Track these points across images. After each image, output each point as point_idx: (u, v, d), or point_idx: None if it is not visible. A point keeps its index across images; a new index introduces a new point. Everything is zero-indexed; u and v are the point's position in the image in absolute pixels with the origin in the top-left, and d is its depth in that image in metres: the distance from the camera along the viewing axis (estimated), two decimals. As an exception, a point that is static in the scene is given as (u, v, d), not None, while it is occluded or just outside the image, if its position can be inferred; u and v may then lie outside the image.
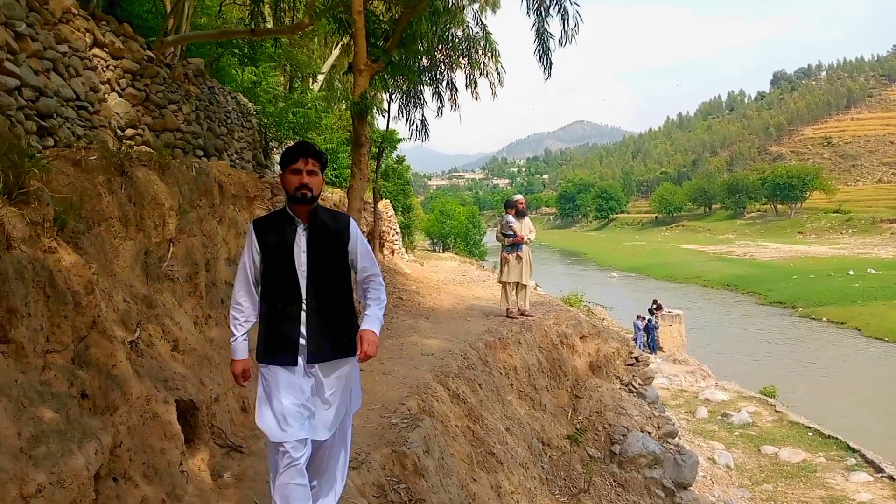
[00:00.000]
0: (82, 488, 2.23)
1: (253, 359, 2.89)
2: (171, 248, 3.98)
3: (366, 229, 12.01)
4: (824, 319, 34.42)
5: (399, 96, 10.03)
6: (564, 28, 7.90)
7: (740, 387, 19.89)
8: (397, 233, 17.97)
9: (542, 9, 8.01)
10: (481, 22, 9.59)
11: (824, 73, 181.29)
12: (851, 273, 47.54)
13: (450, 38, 9.20)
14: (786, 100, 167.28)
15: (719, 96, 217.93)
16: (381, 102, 13.67)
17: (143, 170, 3.82)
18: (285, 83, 15.22)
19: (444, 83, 9.84)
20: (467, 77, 10.00)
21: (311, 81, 16.11)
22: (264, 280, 2.82)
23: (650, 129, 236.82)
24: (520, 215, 9.43)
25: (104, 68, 6.47)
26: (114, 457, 2.61)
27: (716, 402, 18.16)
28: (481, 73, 9.99)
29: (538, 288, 16.56)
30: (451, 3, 8.68)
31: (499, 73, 10.13)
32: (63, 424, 2.31)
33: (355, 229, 2.90)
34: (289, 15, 9.45)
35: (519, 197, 9.72)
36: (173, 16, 7.94)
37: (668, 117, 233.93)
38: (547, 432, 7.50)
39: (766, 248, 73.65)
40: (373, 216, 13.87)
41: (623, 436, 8.19)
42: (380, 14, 9.10)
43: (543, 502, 6.22)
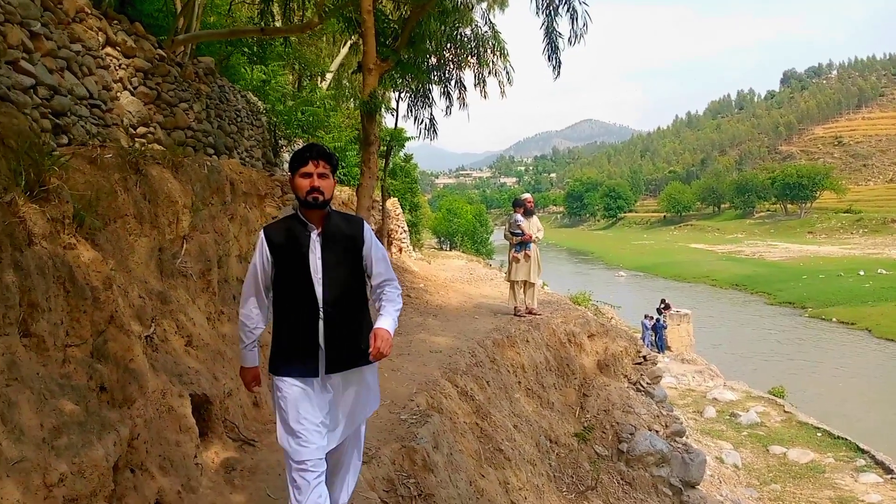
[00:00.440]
0: (102, 478, 2.29)
1: (266, 370, 2.77)
2: (185, 245, 4.03)
3: (374, 227, 12.06)
4: (834, 320, 34.22)
5: (408, 95, 10.08)
6: (573, 27, 7.93)
7: (749, 387, 19.81)
8: (405, 231, 18.03)
9: (552, 8, 8.03)
10: (489, 21, 9.63)
11: (835, 72, 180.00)
12: (862, 273, 47.22)
13: (458, 36, 9.23)
14: (796, 99, 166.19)
15: (728, 95, 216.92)
16: (388, 101, 13.73)
17: (158, 168, 3.88)
18: (294, 81, 15.29)
19: (453, 82, 9.89)
20: (476, 76, 10.03)
21: (320, 80, 16.17)
22: (277, 288, 2.71)
23: (659, 128, 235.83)
24: (528, 214, 9.46)
25: (116, 67, 6.54)
26: (131, 448, 2.66)
27: (724, 402, 18.11)
28: (490, 72, 10.02)
29: (546, 287, 16.56)
30: (459, 2, 8.71)
31: (507, 72, 10.16)
32: (83, 416, 2.37)
33: (369, 233, 2.81)
34: (298, 14, 9.50)
35: (527, 196, 9.75)
36: (184, 15, 8.01)
37: (676, 116, 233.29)
38: (555, 430, 7.53)
39: (776, 247, 73.26)
40: (381, 214, 13.93)
41: (631, 434, 8.21)
42: (389, 13, 9.15)
43: (551, 499, 6.25)
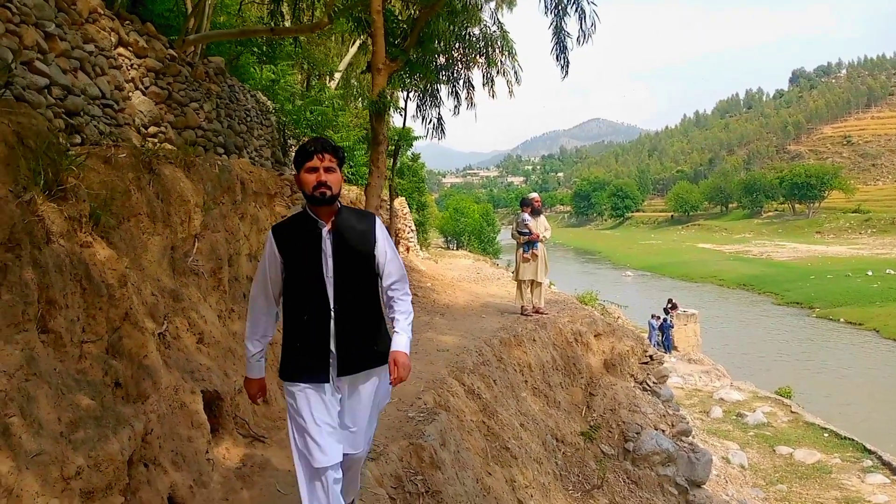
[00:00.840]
0: (117, 472, 2.34)
1: (276, 375, 2.69)
2: (196, 244, 4.09)
3: (382, 226, 12.09)
4: (842, 320, 34.06)
5: (416, 95, 10.12)
6: (582, 27, 7.96)
7: (755, 387, 19.76)
8: (412, 230, 18.09)
9: (560, 8, 8.06)
10: (498, 20, 9.65)
11: (844, 71, 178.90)
12: (870, 273, 46.95)
13: (467, 36, 9.26)
14: (805, 98, 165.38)
15: (737, 94, 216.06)
16: (397, 100, 13.78)
17: (170, 167, 3.93)
18: (302, 81, 15.36)
19: (461, 81, 9.92)
20: (484, 75, 10.05)
21: (329, 79, 16.23)
22: (287, 290, 2.59)
23: (667, 127, 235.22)
24: (535, 213, 9.47)
25: (128, 67, 6.61)
26: (145, 443, 2.71)
27: (730, 402, 18.08)
28: (498, 72, 10.04)
29: (553, 286, 16.57)
30: (468, 2, 8.74)
31: (515, 72, 10.18)
32: (99, 411, 2.42)
33: (382, 230, 2.70)
34: (307, 14, 9.56)
35: (535, 195, 9.75)
36: (194, 15, 8.07)
37: (684, 115, 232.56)
38: (561, 429, 7.55)
39: (784, 247, 72.93)
40: (389, 213, 13.98)
41: (637, 433, 8.22)
42: (398, 13, 9.19)
43: (557, 497, 6.28)
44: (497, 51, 9.68)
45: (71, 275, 2.51)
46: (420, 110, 10.15)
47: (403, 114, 13.84)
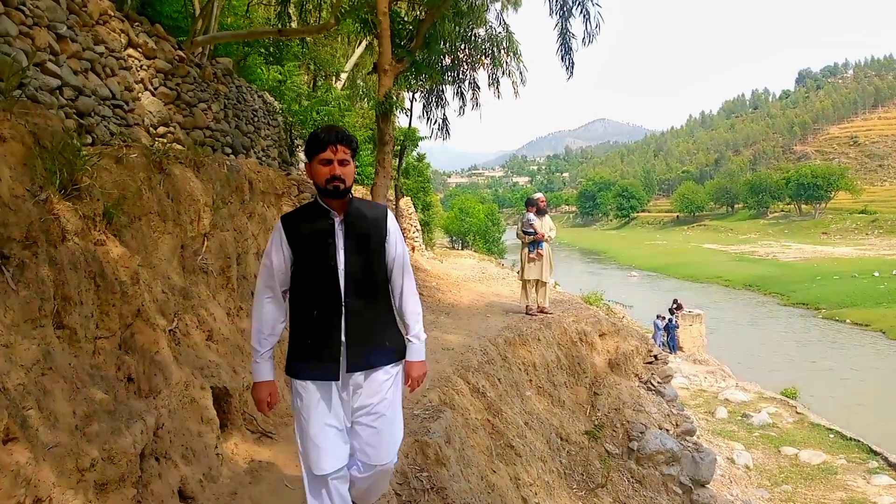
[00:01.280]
0: (130, 465, 2.40)
1: (283, 372, 2.62)
2: (206, 243, 4.14)
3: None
4: (848, 321, 33.94)
5: (422, 95, 10.18)
6: (587, 28, 8.01)
7: (761, 387, 19.73)
8: (418, 230, 18.15)
9: (565, 9, 8.10)
10: (503, 21, 9.71)
11: (851, 71, 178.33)
12: (877, 274, 46.74)
13: (472, 37, 9.32)
14: (811, 98, 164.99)
15: (742, 94, 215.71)
16: (403, 101, 13.84)
17: (180, 167, 3.99)
18: (309, 81, 15.43)
19: (467, 82, 9.98)
20: (489, 76, 10.12)
21: (335, 80, 16.30)
22: (295, 282, 2.49)
23: (672, 128, 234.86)
24: (541, 213, 9.51)
25: (138, 68, 6.68)
26: (156, 437, 2.77)
27: (736, 403, 18.06)
28: (503, 73, 10.09)
29: (558, 286, 16.60)
30: (474, 3, 8.80)
31: (521, 72, 10.23)
32: (112, 405, 2.48)
33: (393, 222, 2.61)
34: (314, 15, 9.63)
35: (540, 195, 9.79)
36: (202, 16, 8.15)
37: (690, 115, 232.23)
38: (565, 428, 7.59)
39: (790, 248, 72.71)
40: (394, 213, 14.04)
41: (641, 433, 8.25)
42: (404, 15, 9.25)
43: (561, 496, 6.32)
44: (502, 52, 9.73)
45: (85, 272, 2.57)
46: (426, 111, 10.22)
47: (409, 114, 13.95)
